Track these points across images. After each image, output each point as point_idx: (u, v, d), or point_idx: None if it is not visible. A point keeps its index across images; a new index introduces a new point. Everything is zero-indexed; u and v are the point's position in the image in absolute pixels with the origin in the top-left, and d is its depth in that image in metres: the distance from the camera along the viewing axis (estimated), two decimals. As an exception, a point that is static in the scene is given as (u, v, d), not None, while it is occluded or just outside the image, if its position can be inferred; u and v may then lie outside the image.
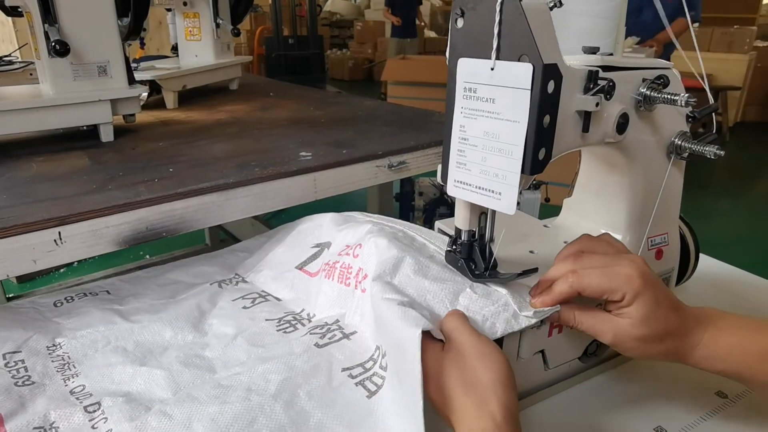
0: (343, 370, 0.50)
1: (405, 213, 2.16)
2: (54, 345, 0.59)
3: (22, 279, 2.30)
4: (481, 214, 0.50)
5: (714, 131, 0.61)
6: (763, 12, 7.03)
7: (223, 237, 2.27)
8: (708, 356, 0.48)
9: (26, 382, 0.52)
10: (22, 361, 0.56)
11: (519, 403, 0.45)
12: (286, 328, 0.59)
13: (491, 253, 0.50)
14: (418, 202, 2.09)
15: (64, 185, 0.78)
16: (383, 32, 8.46)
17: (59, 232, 0.67)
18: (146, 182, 0.78)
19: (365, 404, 0.46)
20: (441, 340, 0.47)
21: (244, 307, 0.65)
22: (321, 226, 0.72)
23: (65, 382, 0.53)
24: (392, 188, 1.93)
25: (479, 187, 0.45)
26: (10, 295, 2.07)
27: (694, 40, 0.61)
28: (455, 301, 0.50)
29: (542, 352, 0.52)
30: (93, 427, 0.46)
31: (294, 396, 0.47)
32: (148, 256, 2.40)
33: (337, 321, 0.56)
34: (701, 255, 0.71)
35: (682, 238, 0.66)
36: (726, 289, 0.77)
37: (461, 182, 0.47)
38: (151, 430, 0.44)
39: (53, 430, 0.47)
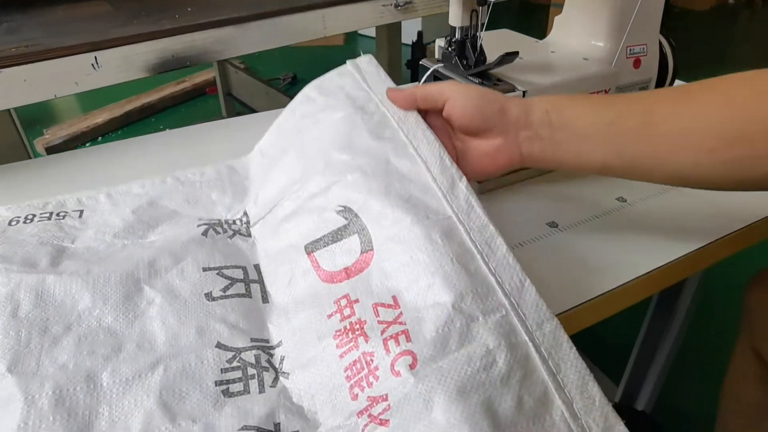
0: None
1: (416, 80, 2.18)
2: None
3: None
4: (473, 11, 0.56)
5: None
6: None
7: (238, 109, 2.34)
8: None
9: None
10: None
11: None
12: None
13: (482, 47, 0.57)
14: (428, 71, 2.11)
15: (94, 23, 0.85)
16: None
17: (95, 57, 0.74)
18: (167, 18, 0.84)
19: None
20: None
21: (212, 298, 0.44)
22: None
23: None
24: (401, 54, 1.95)
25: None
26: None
27: None
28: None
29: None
30: None
31: None
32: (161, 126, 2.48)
33: None
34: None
35: (663, 53, 0.72)
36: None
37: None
38: None
39: None
